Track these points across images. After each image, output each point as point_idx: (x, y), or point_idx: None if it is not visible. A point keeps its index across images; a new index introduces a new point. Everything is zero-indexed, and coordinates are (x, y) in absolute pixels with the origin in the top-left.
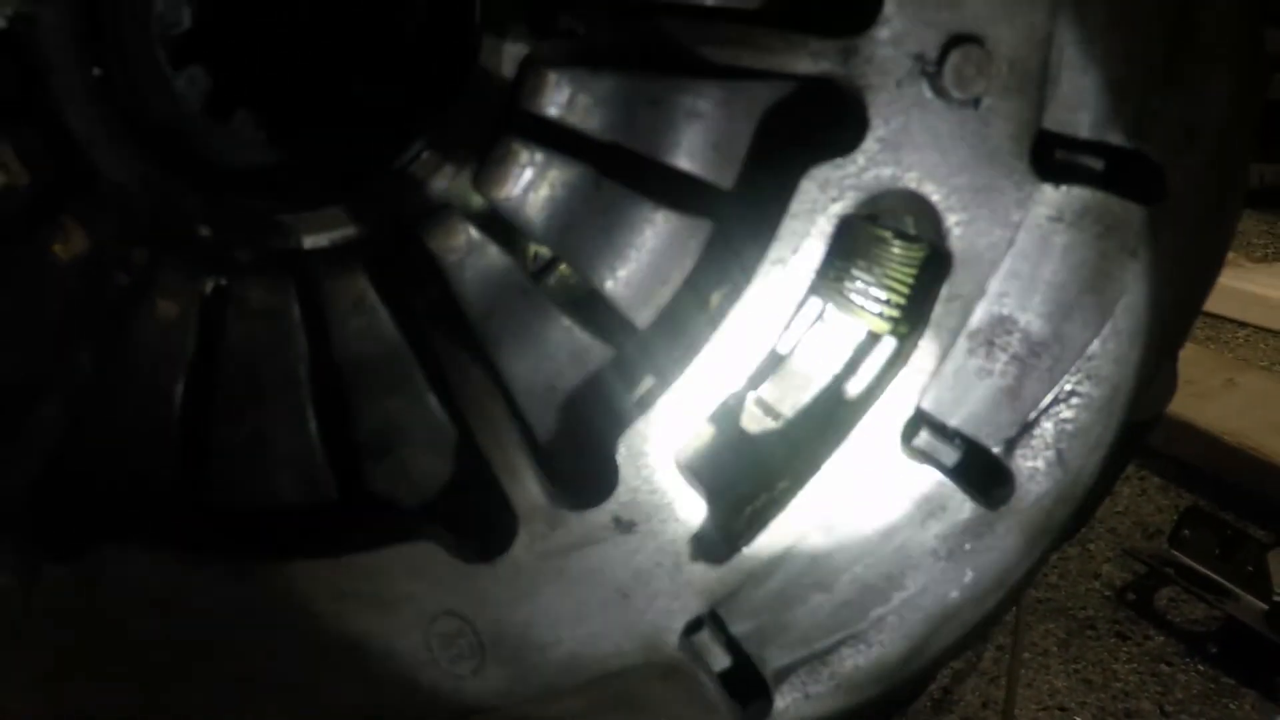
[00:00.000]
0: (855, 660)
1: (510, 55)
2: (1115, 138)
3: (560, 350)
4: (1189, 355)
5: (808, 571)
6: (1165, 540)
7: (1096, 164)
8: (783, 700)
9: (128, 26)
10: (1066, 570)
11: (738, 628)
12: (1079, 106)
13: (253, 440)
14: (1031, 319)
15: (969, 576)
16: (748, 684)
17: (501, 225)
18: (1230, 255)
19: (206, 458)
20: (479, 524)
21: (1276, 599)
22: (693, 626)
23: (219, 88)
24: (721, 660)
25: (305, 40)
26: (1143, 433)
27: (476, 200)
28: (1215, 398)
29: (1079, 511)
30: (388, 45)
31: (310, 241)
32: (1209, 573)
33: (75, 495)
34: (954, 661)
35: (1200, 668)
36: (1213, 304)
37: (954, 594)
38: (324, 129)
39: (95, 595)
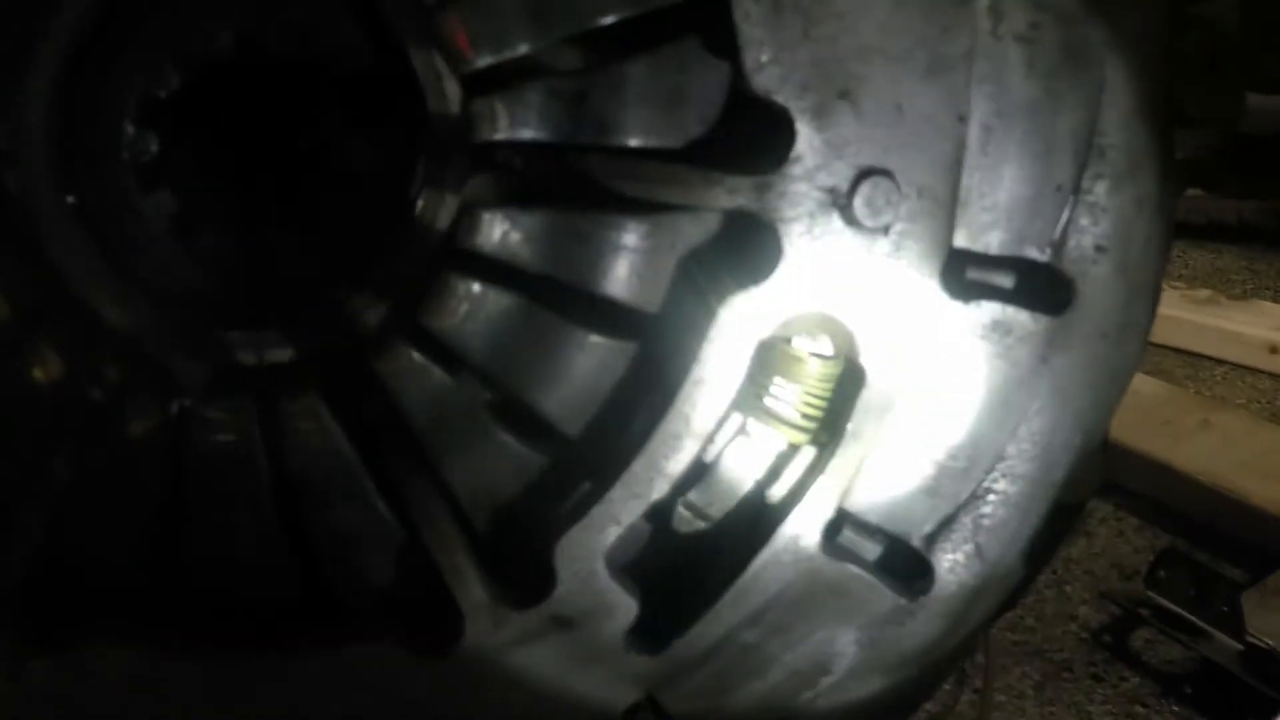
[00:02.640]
0: None
1: (449, 203)
2: (1025, 253)
3: (499, 461)
4: (1165, 394)
5: (740, 661)
6: (1141, 581)
7: (1007, 280)
8: None
9: (99, 155)
10: (1043, 612)
11: (676, 709)
12: (989, 226)
13: (220, 547)
14: (946, 424)
15: (893, 661)
16: None
17: (438, 345)
18: (1209, 292)
19: (178, 561)
20: (429, 622)
21: (1250, 640)
22: (631, 711)
23: (184, 211)
24: None
25: (264, 170)
26: (1075, 512)
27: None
28: (1191, 438)
29: (1009, 592)
30: (338, 181)
31: (267, 358)
32: (1184, 614)
33: (58, 594)
34: (929, 705)
35: (1175, 709)
36: (1191, 341)
37: (878, 678)
38: (278, 256)
39: (77, 688)
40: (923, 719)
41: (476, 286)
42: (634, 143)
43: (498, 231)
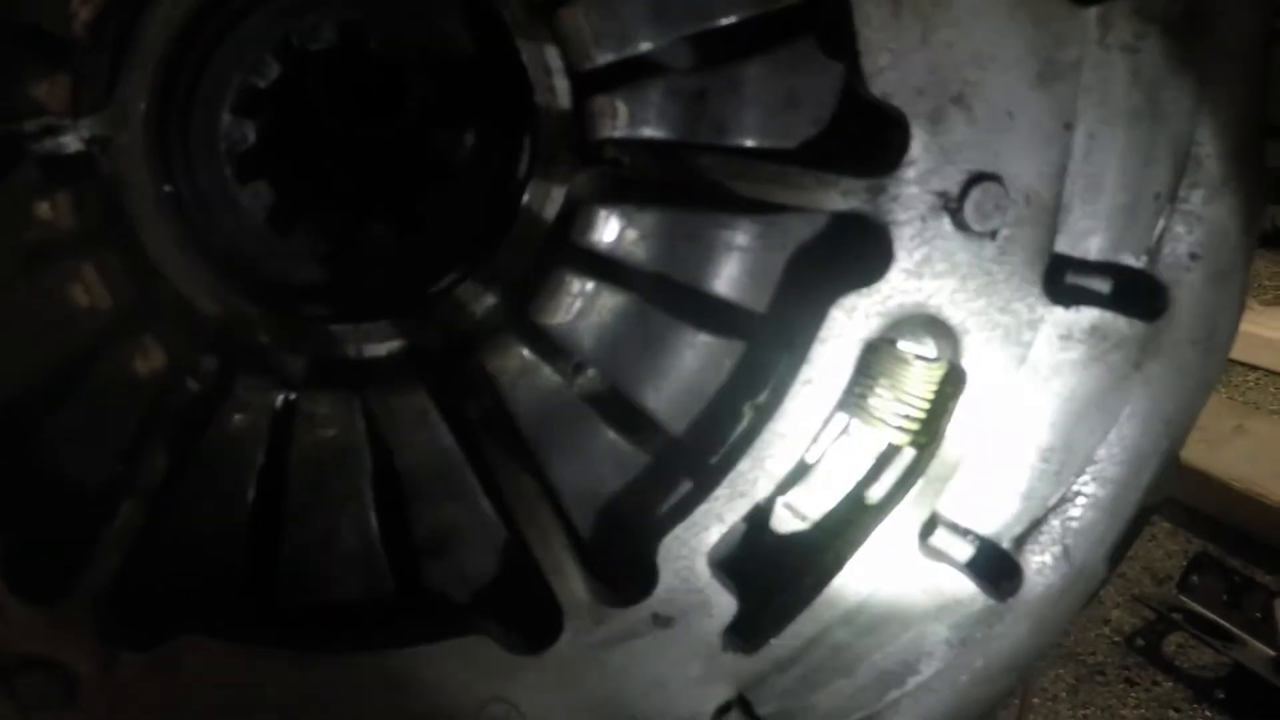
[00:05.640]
0: None
1: (555, 196)
2: (1123, 259)
3: (604, 459)
4: None
5: (830, 659)
6: (1174, 586)
7: (1104, 285)
8: None
9: (196, 144)
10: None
11: (764, 709)
12: (1090, 232)
13: (319, 541)
14: (1041, 428)
15: (979, 663)
16: None
17: (549, 343)
18: None
19: (276, 556)
20: (527, 619)
21: None
22: (723, 709)
23: (282, 201)
24: None
25: (363, 160)
26: (1147, 515)
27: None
28: (1225, 444)
29: (1091, 594)
30: (439, 172)
31: (367, 351)
32: (1217, 619)
33: (153, 588)
34: None
35: (1208, 714)
36: None
37: (964, 678)
38: (378, 247)
39: (170, 682)
40: None
41: (590, 284)
42: (750, 143)
43: (614, 229)
